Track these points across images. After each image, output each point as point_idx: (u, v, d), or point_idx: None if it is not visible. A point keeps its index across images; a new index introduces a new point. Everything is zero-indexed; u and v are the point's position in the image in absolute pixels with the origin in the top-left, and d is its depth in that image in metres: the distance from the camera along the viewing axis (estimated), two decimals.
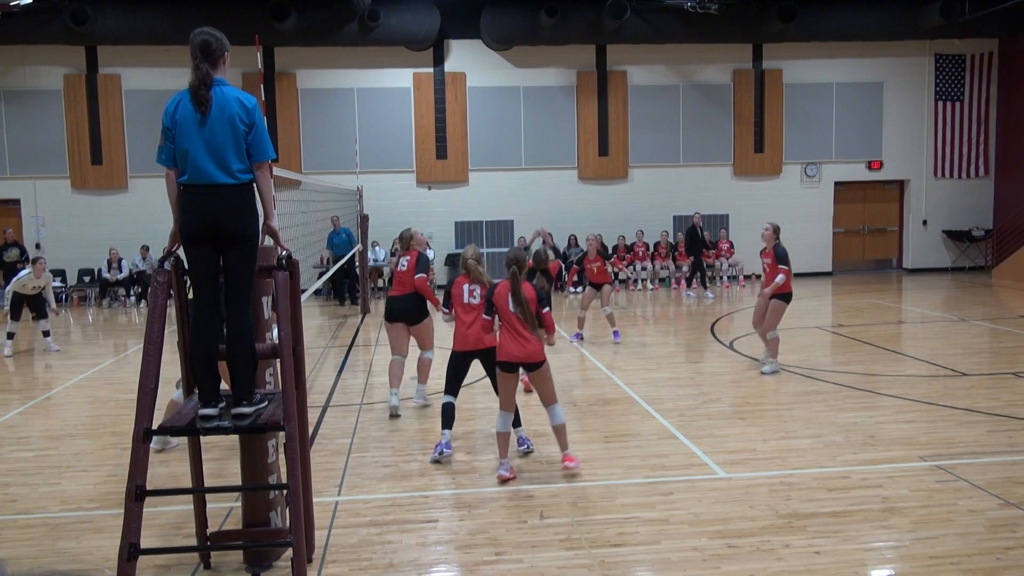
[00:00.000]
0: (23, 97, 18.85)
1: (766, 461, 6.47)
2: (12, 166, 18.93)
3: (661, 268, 19.65)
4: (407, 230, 8.55)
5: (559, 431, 6.25)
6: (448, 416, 6.73)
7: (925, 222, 21.48)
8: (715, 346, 11.70)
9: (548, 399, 6.24)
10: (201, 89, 4.24)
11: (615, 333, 12.10)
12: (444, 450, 6.63)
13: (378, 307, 16.62)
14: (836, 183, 21.18)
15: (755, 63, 20.60)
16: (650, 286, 19.21)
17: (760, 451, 6.71)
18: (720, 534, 5.07)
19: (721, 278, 19.44)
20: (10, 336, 12.09)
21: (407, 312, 8.20)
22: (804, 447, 6.79)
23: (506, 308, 6.16)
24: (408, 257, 8.29)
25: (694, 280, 18.05)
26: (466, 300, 6.87)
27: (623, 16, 17.90)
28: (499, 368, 6.26)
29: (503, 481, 6.07)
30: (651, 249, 19.77)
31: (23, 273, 12.21)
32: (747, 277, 19.79)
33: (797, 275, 20.50)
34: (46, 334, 12.43)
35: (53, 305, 12.36)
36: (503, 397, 6.30)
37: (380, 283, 19.08)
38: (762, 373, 9.63)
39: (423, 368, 8.47)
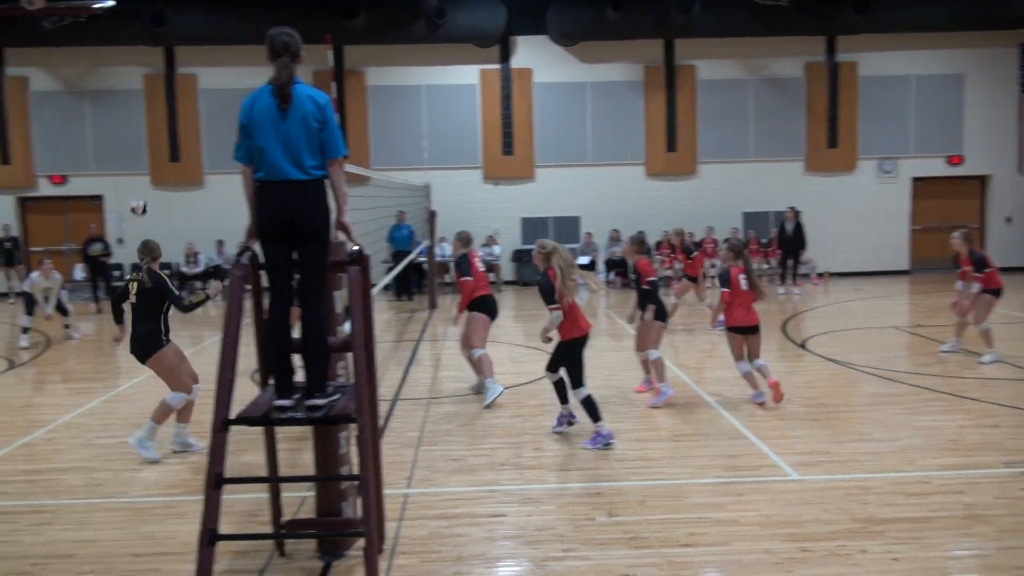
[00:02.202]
0: (106, 97, 19.55)
1: (841, 464, 6.31)
2: (96, 163, 19.66)
3: None
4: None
5: (763, 370, 8.11)
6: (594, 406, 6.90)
7: (1009, 219, 20.66)
8: (787, 346, 11.46)
9: (758, 354, 8.23)
10: (287, 87, 4.33)
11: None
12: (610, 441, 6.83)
13: (444, 302, 16.76)
14: (914, 179, 20.52)
15: (828, 56, 20.08)
16: (719, 284, 18.83)
17: (834, 453, 6.55)
18: (793, 537, 4.96)
19: (782, 278, 18.95)
20: (24, 331, 12.69)
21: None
22: (881, 450, 6.60)
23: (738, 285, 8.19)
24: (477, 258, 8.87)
25: (786, 276, 17.42)
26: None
27: (691, 10, 17.65)
28: (736, 332, 8.19)
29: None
30: (720, 246, 19.46)
31: (34, 275, 12.82)
32: (820, 275, 19.31)
33: (873, 274, 20.06)
34: (66, 326, 13.12)
35: (48, 310, 12.73)
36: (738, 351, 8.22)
37: (447, 278, 19.21)
38: (980, 363, 9.67)
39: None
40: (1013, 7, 18.35)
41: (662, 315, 8.24)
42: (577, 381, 6.91)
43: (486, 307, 8.60)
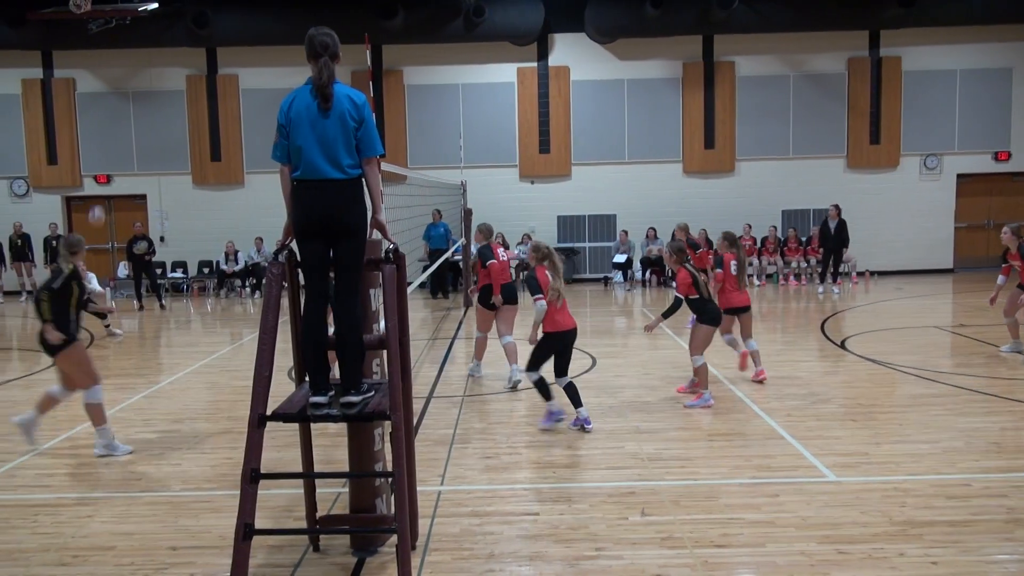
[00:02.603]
0: (149, 98, 19.93)
1: (879, 466, 6.21)
2: (139, 163, 20.05)
3: (769, 264, 19.11)
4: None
5: (755, 357, 8.88)
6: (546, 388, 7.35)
7: None
8: (826, 345, 11.31)
9: (750, 333, 8.94)
10: (327, 86, 4.37)
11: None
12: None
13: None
14: (959, 175, 20.10)
15: (871, 50, 19.75)
16: (756, 282, 18.72)
17: (873, 455, 6.45)
18: (829, 539, 4.90)
19: (822, 276, 18.69)
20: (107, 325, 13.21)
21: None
22: (921, 452, 6.48)
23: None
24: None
25: (827, 275, 17.11)
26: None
27: (731, 5, 17.48)
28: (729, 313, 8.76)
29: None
30: (759, 244, 19.27)
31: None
32: (860, 274, 19.01)
33: (915, 272, 19.70)
34: (107, 325, 13.41)
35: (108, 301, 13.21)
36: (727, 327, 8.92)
37: None
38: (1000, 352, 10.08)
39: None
40: None
41: (714, 320, 8.14)
42: (534, 366, 7.30)
43: (511, 296, 9.18)
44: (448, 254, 16.52)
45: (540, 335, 7.33)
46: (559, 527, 5.20)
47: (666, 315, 8.04)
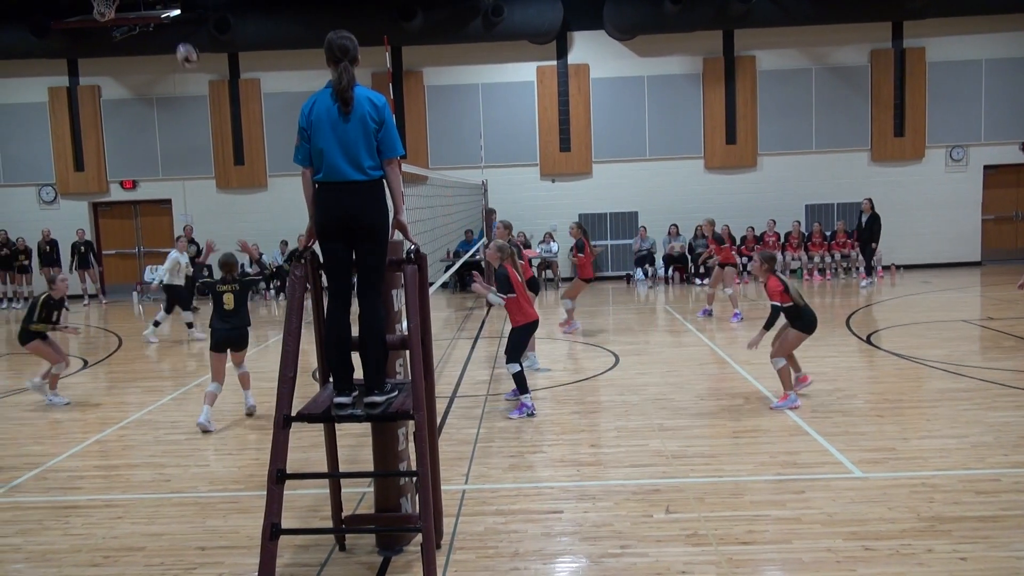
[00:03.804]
0: (173, 103, 20.15)
1: (907, 461, 6.15)
2: (164, 168, 20.28)
3: (792, 259, 18.97)
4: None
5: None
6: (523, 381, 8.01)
7: None
8: (851, 340, 11.21)
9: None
10: (348, 90, 4.41)
11: (735, 315, 12.85)
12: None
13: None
14: (985, 167, 19.82)
15: (895, 42, 19.53)
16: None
17: (900, 450, 6.39)
18: (856, 536, 4.86)
19: (857, 268, 18.59)
20: (189, 325, 13.47)
21: None
22: (949, 447, 6.42)
23: None
24: None
25: (869, 267, 17.17)
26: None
27: None
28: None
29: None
30: (782, 239, 19.13)
31: (173, 253, 13.17)
32: (886, 268, 18.81)
33: (943, 265, 19.47)
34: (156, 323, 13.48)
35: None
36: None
37: None
38: None
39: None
40: None
41: (808, 328, 7.86)
42: (514, 358, 8.05)
43: (534, 289, 9.92)
44: (469, 254, 16.54)
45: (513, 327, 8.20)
46: (583, 525, 5.21)
47: (767, 327, 7.94)
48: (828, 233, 19.22)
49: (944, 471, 5.90)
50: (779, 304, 7.79)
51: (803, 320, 7.81)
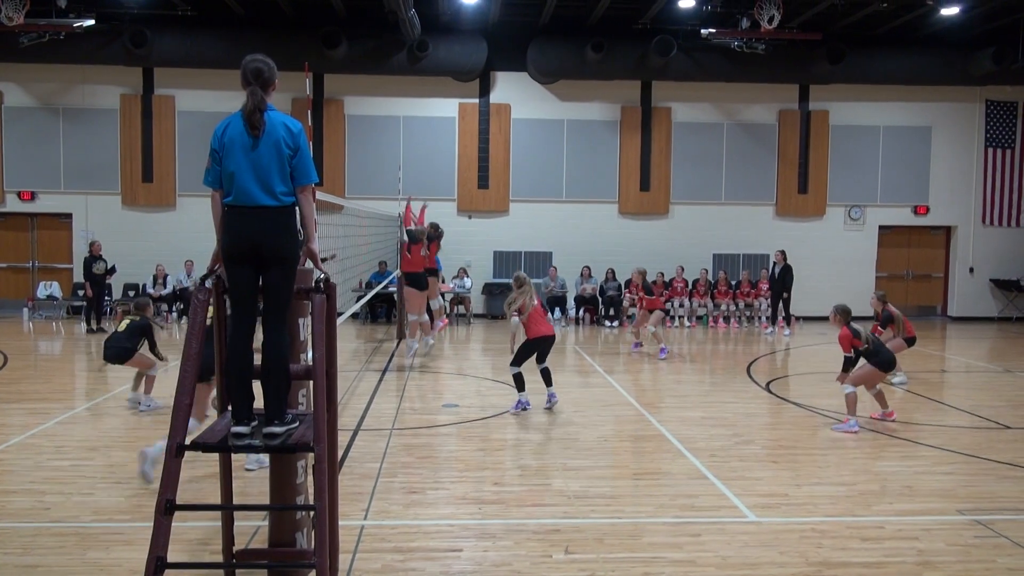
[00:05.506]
0: (81, 115, 19.42)
1: (798, 507, 6.35)
2: (67, 181, 19.47)
3: (699, 306, 19.50)
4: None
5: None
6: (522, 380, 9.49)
7: (972, 269, 21.07)
8: (751, 387, 11.55)
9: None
10: (255, 114, 4.35)
11: (662, 350, 13.73)
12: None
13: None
14: (881, 227, 20.91)
15: (801, 104, 20.52)
16: (687, 323, 19.08)
17: (792, 496, 6.59)
18: None
19: (760, 319, 19.24)
20: None
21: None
22: (838, 494, 6.65)
23: None
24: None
25: (777, 317, 17.99)
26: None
27: (669, 53, 17.97)
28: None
29: None
30: (690, 286, 19.65)
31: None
32: (786, 319, 19.50)
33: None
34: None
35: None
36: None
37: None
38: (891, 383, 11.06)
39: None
40: (978, 64, 18.92)
41: (886, 365, 9.05)
42: (518, 362, 9.50)
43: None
44: (381, 286, 16.39)
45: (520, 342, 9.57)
46: (483, 564, 5.16)
47: (845, 371, 8.99)
48: (734, 282, 19.85)
49: (833, 517, 6.11)
50: (850, 355, 8.86)
51: (879, 357, 8.93)
